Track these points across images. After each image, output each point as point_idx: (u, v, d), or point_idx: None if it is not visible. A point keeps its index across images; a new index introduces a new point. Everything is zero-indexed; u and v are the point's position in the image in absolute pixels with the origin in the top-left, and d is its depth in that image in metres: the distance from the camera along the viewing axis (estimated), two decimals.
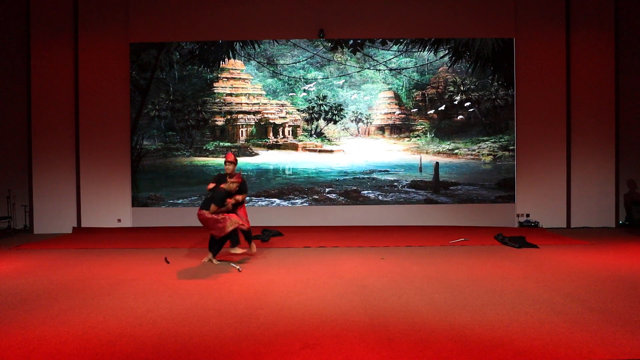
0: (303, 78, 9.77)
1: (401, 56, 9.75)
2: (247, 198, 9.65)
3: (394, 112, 9.79)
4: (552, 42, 9.56)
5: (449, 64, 9.73)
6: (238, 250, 6.15)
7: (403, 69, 9.76)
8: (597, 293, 4.61)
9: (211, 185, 6.29)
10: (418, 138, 9.81)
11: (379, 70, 9.76)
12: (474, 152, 9.75)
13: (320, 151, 9.81)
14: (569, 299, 4.42)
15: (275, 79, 9.78)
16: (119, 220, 9.64)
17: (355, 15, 9.60)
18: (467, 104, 9.75)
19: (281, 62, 9.76)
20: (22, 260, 6.59)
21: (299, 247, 7.59)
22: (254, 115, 9.79)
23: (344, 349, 3.27)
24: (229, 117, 9.78)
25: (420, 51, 9.73)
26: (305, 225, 9.46)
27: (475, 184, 9.71)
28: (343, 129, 9.81)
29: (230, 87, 9.76)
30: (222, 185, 6.11)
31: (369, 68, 9.75)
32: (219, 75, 9.74)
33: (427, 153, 9.79)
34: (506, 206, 9.66)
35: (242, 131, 9.80)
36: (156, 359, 3.15)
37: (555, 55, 9.56)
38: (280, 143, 9.82)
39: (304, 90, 9.78)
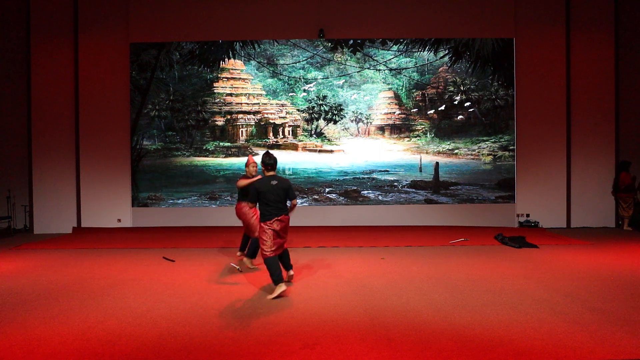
0: (303, 78, 9.77)
1: (401, 56, 9.75)
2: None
3: (394, 112, 9.79)
4: (552, 42, 9.56)
5: (449, 64, 9.72)
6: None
7: (403, 69, 9.76)
8: (597, 293, 4.62)
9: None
10: (418, 138, 9.80)
11: (379, 70, 9.76)
12: (474, 152, 9.75)
13: (320, 151, 9.81)
14: (569, 299, 4.42)
15: (275, 79, 9.77)
16: (119, 220, 9.64)
17: (355, 15, 9.60)
18: (467, 104, 9.75)
19: (281, 62, 9.75)
20: (22, 260, 6.59)
21: (299, 247, 7.58)
22: (254, 115, 9.79)
23: (344, 349, 3.26)
24: (229, 117, 9.77)
25: (420, 51, 9.72)
26: (305, 225, 9.46)
27: (475, 184, 9.71)
28: (343, 129, 9.80)
29: (230, 87, 9.75)
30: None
31: (369, 68, 9.75)
32: (219, 75, 9.74)
33: (427, 153, 9.78)
34: (506, 206, 9.65)
35: (242, 131, 9.80)
36: (156, 359, 3.15)
37: (555, 55, 9.56)
38: (280, 143, 9.82)
39: (304, 90, 9.77)
